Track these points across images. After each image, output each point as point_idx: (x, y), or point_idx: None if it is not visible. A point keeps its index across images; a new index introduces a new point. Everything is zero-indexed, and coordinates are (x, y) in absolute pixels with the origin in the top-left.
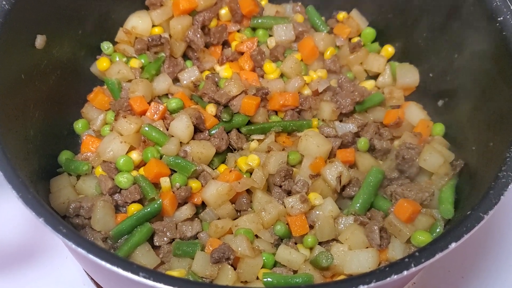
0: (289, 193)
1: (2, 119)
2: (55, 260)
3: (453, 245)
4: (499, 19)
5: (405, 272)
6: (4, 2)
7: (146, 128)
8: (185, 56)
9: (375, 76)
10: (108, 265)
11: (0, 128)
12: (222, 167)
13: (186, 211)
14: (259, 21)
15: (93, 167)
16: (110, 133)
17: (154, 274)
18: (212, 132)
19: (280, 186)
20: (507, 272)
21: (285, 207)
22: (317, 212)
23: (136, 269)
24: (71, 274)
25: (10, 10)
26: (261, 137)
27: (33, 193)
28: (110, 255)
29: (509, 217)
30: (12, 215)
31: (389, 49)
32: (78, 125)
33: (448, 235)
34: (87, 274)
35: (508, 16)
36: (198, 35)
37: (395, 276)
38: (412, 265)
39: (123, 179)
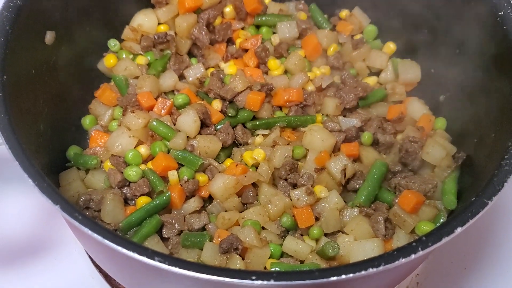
0: (294, 186)
1: (15, 112)
2: (63, 254)
3: (459, 229)
4: (499, 13)
5: (412, 256)
6: None
7: (154, 123)
8: (190, 53)
9: (377, 72)
10: (124, 250)
11: (14, 120)
12: (228, 161)
13: (194, 203)
14: (263, 18)
15: (101, 161)
16: (119, 128)
17: (169, 258)
18: (218, 127)
19: (286, 180)
20: (509, 263)
21: (291, 199)
22: (323, 205)
23: (152, 253)
24: (79, 268)
25: (22, 6)
26: (266, 132)
27: (48, 182)
28: (125, 241)
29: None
30: (21, 210)
31: (391, 46)
32: (86, 121)
33: (454, 220)
34: (96, 267)
35: (508, 11)
36: (203, 33)
37: (403, 260)
38: (420, 249)
39: (132, 173)
